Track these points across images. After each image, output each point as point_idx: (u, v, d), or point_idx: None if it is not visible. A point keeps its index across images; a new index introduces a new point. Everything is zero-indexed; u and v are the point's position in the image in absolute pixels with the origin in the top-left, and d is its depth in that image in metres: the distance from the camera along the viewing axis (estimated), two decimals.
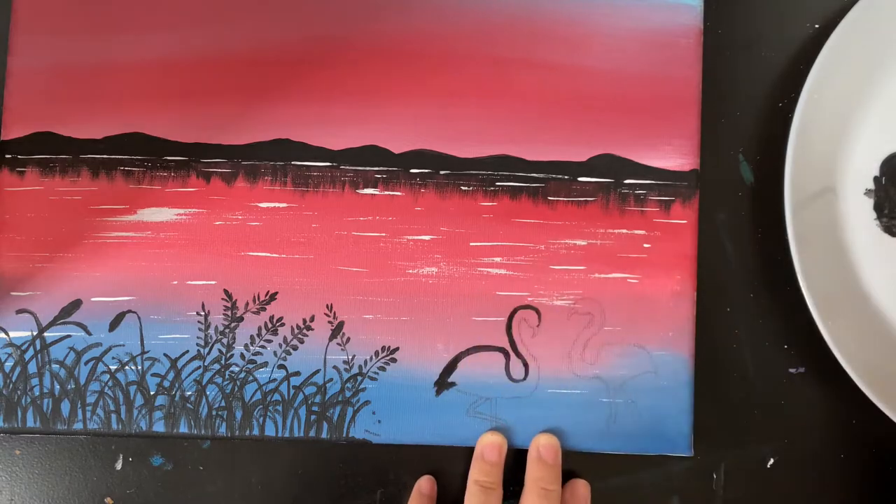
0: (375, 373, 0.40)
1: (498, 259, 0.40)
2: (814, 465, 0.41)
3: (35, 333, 0.40)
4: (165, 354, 0.40)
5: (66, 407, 0.39)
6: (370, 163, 0.41)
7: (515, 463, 0.41)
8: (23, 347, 0.39)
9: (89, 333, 0.40)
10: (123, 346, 0.40)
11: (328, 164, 0.41)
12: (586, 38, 0.41)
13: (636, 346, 0.40)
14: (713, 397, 0.41)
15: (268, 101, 0.41)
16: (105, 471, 0.40)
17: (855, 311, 0.40)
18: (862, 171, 0.41)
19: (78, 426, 0.39)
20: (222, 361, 0.40)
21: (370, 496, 0.41)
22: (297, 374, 0.40)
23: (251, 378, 0.40)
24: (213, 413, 0.39)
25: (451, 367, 0.40)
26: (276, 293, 0.40)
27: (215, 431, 0.39)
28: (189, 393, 0.39)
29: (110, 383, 0.39)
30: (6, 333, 0.40)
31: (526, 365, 0.40)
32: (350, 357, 0.40)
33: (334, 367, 0.40)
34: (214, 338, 0.40)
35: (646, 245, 0.40)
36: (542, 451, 0.39)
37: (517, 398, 0.40)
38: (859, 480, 0.42)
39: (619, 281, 0.40)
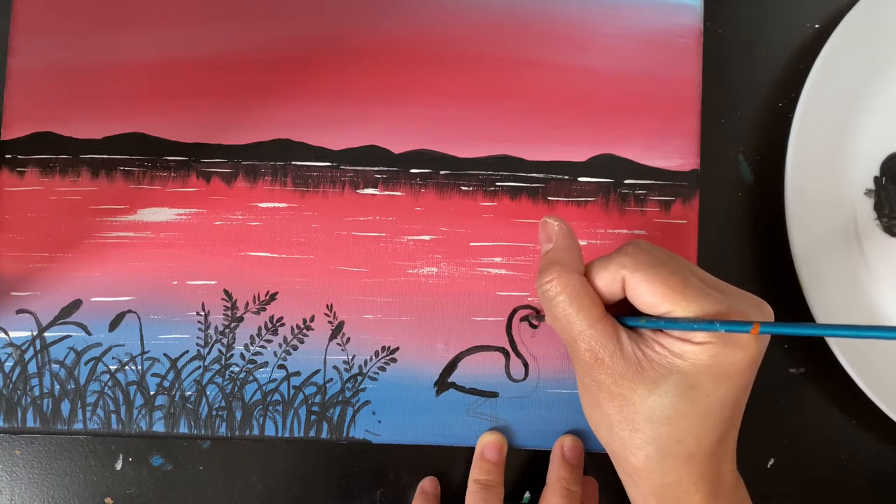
0: (375, 373, 0.40)
1: (498, 259, 0.40)
2: (814, 465, 0.41)
3: (35, 333, 0.40)
4: (165, 354, 0.40)
5: (66, 407, 0.39)
6: (370, 163, 0.40)
7: (516, 463, 0.41)
8: (23, 347, 0.39)
9: (89, 333, 0.40)
10: (123, 346, 0.40)
11: (328, 164, 0.41)
12: (586, 38, 0.41)
13: None
14: None
15: (268, 101, 0.41)
16: (105, 471, 0.40)
17: (855, 311, 0.40)
18: (862, 171, 0.41)
19: (78, 426, 0.39)
20: (222, 361, 0.40)
21: (370, 496, 0.41)
22: (297, 374, 0.40)
23: (251, 378, 0.40)
24: (213, 413, 0.39)
25: (451, 367, 0.40)
26: (276, 293, 0.40)
27: (215, 431, 0.39)
28: (189, 393, 0.39)
29: (110, 383, 0.39)
30: (6, 333, 0.40)
31: (526, 365, 0.40)
32: (350, 357, 0.40)
33: (334, 367, 0.40)
34: (214, 338, 0.40)
35: None
36: (567, 452, 0.39)
37: (517, 398, 0.40)
38: (859, 480, 0.42)
39: None
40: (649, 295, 0.30)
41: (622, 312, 0.32)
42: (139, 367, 0.40)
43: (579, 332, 0.31)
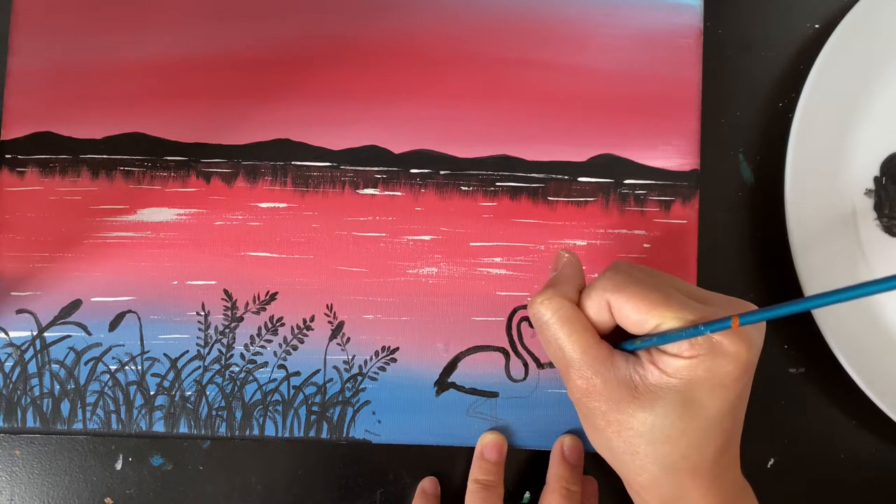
0: (375, 373, 0.40)
1: (498, 259, 0.40)
2: (814, 465, 0.41)
3: (35, 333, 0.40)
4: (165, 354, 0.40)
5: (66, 407, 0.39)
6: (370, 163, 0.41)
7: (516, 463, 0.41)
8: (23, 347, 0.39)
9: (89, 333, 0.40)
10: (123, 346, 0.40)
11: (328, 164, 0.41)
12: (586, 38, 0.41)
13: None
14: None
15: (268, 101, 0.41)
16: (105, 471, 0.40)
17: (855, 311, 0.40)
18: (862, 171, 0.41)
19: (78, 426, 0.39)
20: (222, 361, 0.40)
21: (370, 496, 0.41)
22: (298, 374, 0.40)
23: (251, 378, 0.40)
24: (213, 413, 0.39)
25: (451, 367, 0.40)
26: (276, 293, 0.40)
27: (215, 431, 0.39)
28: (189, 393, 0.39)
29: (110, 383, 0.39)
30: (6, 333, 0.40)
31: (526, 365, 0.40)
32: (350, 357, 0.40)
33: (334, 367, 0.40)
34: (214, 338, 0.40)
35: (646, 245, 0.40)
36: (567, 451, 0.39)
37: (517, 398, 0.40)
38: (859, 480, 0.42)
39: None
40: (634, 313, 0.30)
41: (620, 340, 0.32)
42: (139, 367, 0.40)
43: (571, 359, 0.31)
